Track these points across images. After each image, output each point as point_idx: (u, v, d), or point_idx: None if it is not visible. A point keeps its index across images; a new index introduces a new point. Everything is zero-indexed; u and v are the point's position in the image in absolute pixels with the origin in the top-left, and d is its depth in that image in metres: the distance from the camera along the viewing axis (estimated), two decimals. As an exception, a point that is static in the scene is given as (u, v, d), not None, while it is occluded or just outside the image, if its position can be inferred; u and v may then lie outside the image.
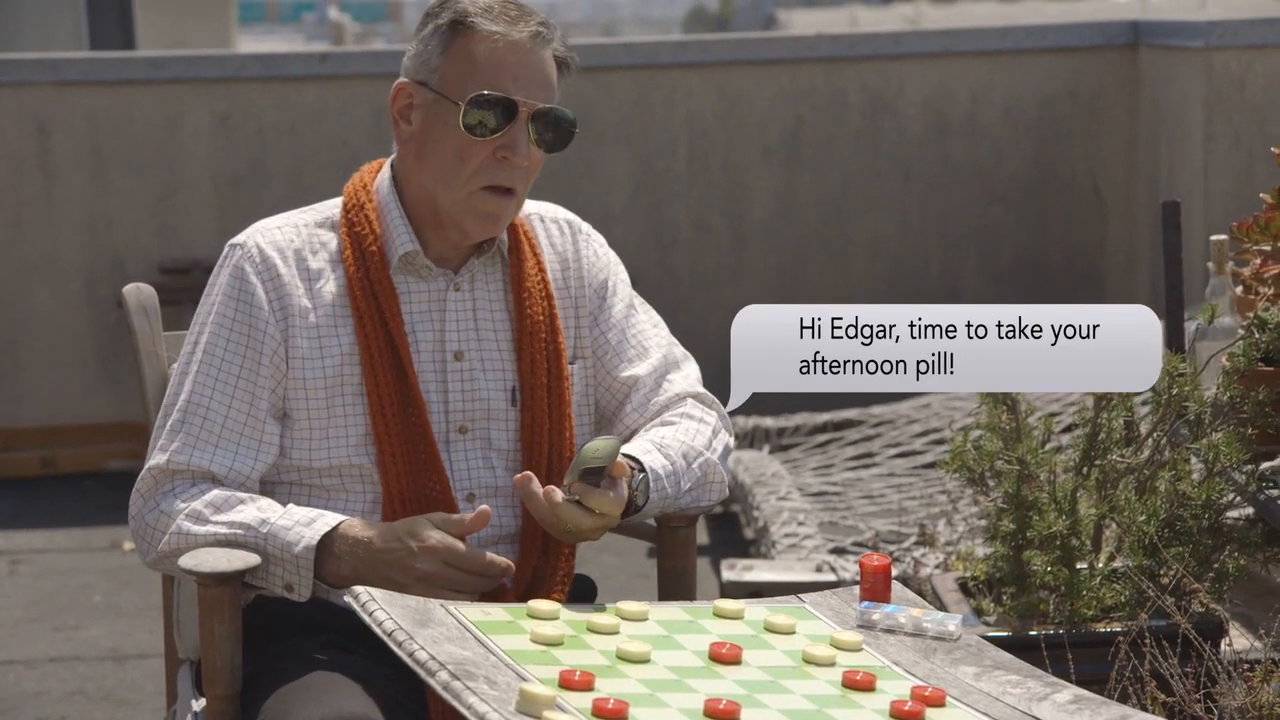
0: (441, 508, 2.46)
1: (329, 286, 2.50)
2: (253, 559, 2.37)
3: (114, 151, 6.93)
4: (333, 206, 2.57)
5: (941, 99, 7.08)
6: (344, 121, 6.99)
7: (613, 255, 2.67)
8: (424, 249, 2.52)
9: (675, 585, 2.62)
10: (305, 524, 2.38)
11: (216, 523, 2.40)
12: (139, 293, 2.70)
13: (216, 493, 2.43)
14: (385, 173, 2.57)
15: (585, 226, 2.67)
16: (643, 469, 2.45)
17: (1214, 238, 3.39)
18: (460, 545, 2.35)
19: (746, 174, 7.05)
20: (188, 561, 2.37)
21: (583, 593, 2.59)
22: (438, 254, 2.53)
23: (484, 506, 2.40)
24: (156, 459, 2.46)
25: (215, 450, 2.45)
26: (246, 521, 2.39)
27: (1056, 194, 7.10)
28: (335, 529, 2.38)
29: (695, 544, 2.66)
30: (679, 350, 2.68)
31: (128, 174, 6.94)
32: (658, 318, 2.69)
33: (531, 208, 2.62)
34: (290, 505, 2.43)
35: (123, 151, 6.93)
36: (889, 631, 2.27)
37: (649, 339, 2.64)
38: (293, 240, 2.52)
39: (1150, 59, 6.89)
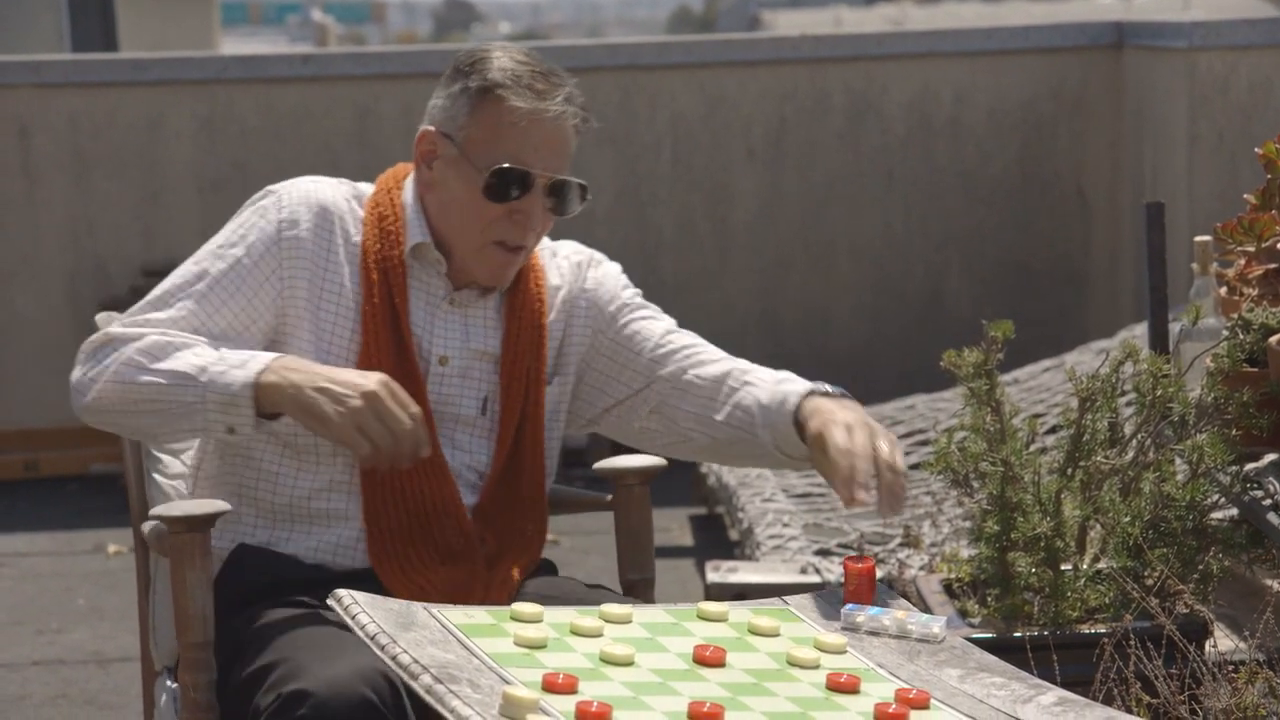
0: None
1: (349, 253, 2.59)
2: (222, 506, 2.43)
3: (96, 154, 6.92)
4: (368, 187, 2.66)
5: (925, 100, 7.08)
6: (327, 124, 6.98)
7: (610, 275, 2.74)
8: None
9: (633, 545, 2.70)
10: (239, 365, 2.43)
11: (156, 371, 2.45)
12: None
13: (152, 339, 2.48)
14: (411, 178, 2.65)
15: (594, 261, 2.75)
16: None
17: (1198, 239, 3.39)
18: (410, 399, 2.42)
19: (730, 176, 7.05)
20: (157, 510, 2.39)
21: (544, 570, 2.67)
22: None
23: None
24: (125, 323, 2.54)
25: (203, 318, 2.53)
26: (185, 371, 2.44)
27: (1040, 195, 7.11)
28: (270, 364, 2.44)
29: (650, 502, 2.74)
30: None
31: (110, 176, 6.92)
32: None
33: (547, 244, 2.72)
34: (224, 350, 2.48)
35: (105, 154, 6.92)
36: (873, 634, 2.26)
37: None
38: (334, 198, 2.61)
39: (1134, 60, 6.89)
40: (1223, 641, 3.03)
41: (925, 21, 23.68)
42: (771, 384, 2.60)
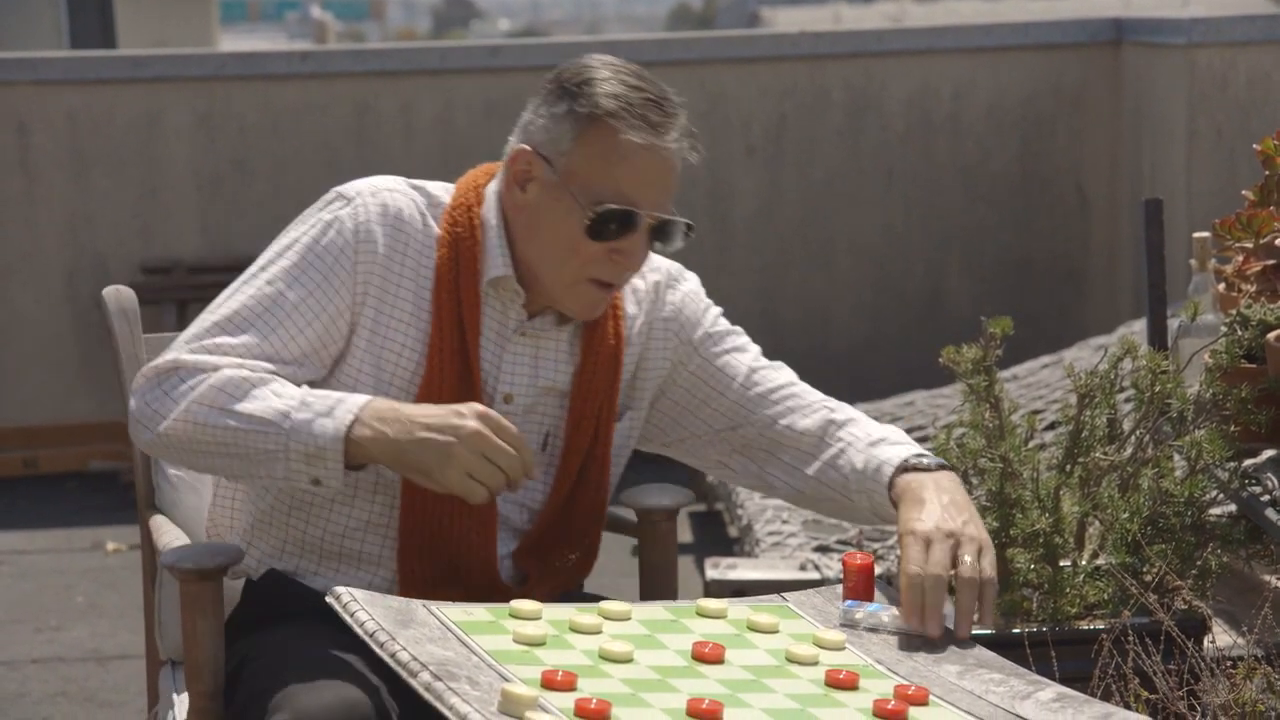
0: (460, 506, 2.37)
1: (419, 275, 2.40)
2: (235, 554, 2.35)
3: (95, 151, 6.92)
4: (443, 192, 2.45)
5: (925, 97, 7.08)
6: (326, 120, 6.98)
7: (690, 298, 2.56)
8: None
9: (657, 579, 2.63)
10: (326, 413, 2.25)
11: (233, 413, 2.27)
12: (119, 295, 2.66)
13: (226, 374, 2.29)
14: (494, 189, 2.44)
15: (671, 281, 2.55)
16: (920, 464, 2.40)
17: (1196, 235, 3.38)
18: (506, 421, 2.24)
19: (729, 173, 7.05)
20: (169, 558, 2.34)
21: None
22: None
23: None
24: (186, 350, 2.33)
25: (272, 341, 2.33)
26: (266, 416, 2.26)
27: (1039, 192, 7.11)
28: (359, 414, 2.26)
29: (676, 537, 2.66)
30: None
31: (109, 173, 6.92)
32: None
33: None
34: (305, 391, 2.29)
35: (104, 151, 6.92)
36: (871, 630, 2.26)
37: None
38: (409, 212, 2.41)
39: (1133, 56, 6.89)
40: (1221, 637, 3.02)
41: (924, 18, 23.67)
42: (865, 445, 2.44)
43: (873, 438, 2.46)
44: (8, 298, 6.93)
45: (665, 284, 2.54)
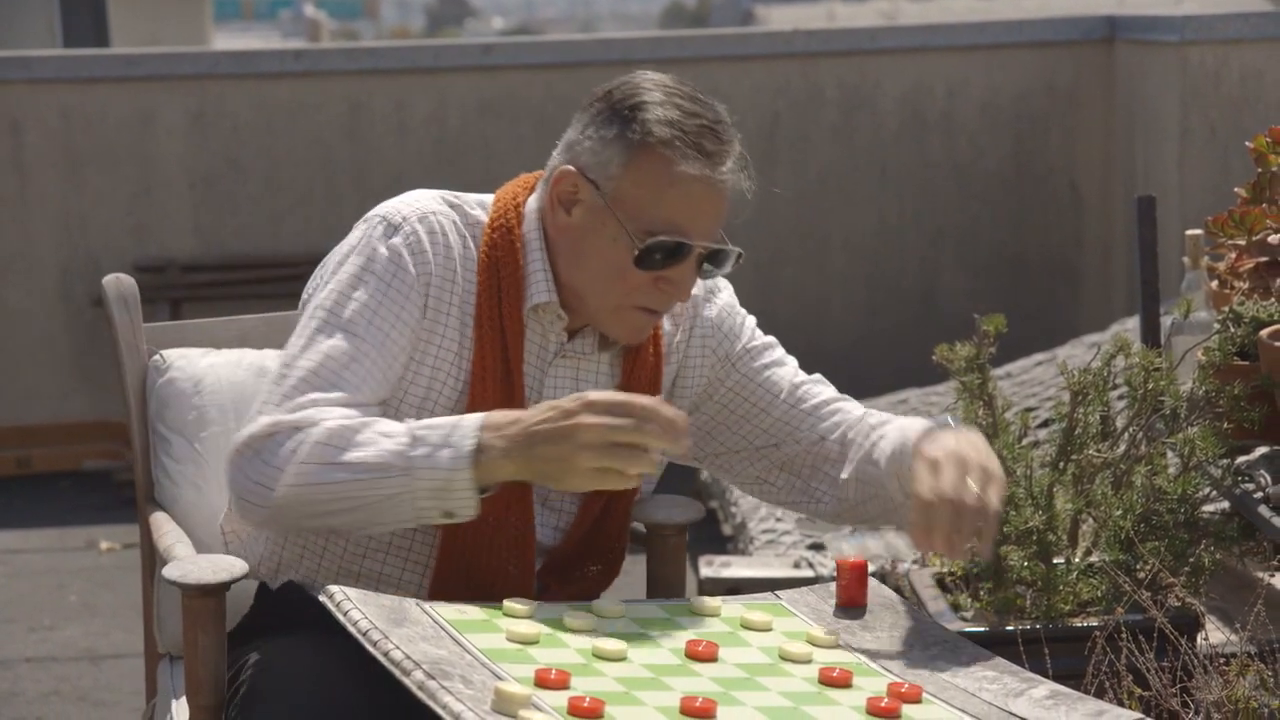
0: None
1: (463, 299, 2.34)
2: (239, 569, 2.29)
3: (88, 149, 6.91)
4: (479, 208, 2.38)
5: (918, 94, 7.08)
6: (319, 119, 6.98)
7: (726, 312, 2.51)
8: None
9: (665, 595, 2.60)
10: (442, 443, 2.16)
11: (346, 465, 2.17)
12: (119, 284, 2.65)
13: (328, 426, 2.19)
14: (534, 205, 2.37)
15: (708, 295, 2.49)
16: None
17: (1189, 232, 3.39)
18: (618, 393, 2.15)
19: (723, 170, 7.04)
20: (171, 573, 2.30)
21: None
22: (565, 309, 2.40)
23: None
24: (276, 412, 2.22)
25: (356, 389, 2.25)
26: (381, 461, 2.17)
27: (1033, 189, 7.11)
28: (480, 436, 2.15)
29: (685, 552, 2.65)
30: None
31: (102, 172, 6.92)
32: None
33: None
34: (410, 423, 2.20)
35: (97, 149, 6.92)
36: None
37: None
38: (452, 235, 2.35)
39: (1126, 54, 6.90)
40: (1214, 634, 3.03)
41: (918, 16, 23.68)
42: (898, 432, 2.39)
43: (903, 425, 2.42)
44: (2, 297, 6.93)
45: (703, 298, 2.48)
